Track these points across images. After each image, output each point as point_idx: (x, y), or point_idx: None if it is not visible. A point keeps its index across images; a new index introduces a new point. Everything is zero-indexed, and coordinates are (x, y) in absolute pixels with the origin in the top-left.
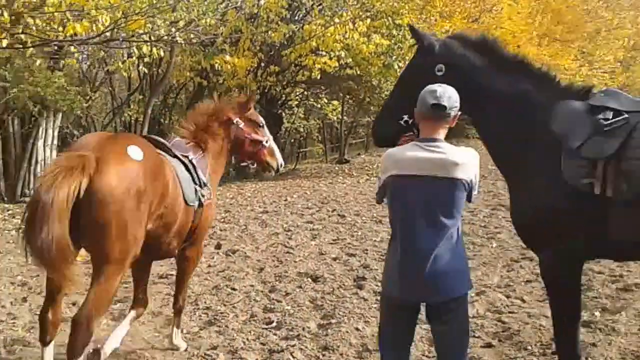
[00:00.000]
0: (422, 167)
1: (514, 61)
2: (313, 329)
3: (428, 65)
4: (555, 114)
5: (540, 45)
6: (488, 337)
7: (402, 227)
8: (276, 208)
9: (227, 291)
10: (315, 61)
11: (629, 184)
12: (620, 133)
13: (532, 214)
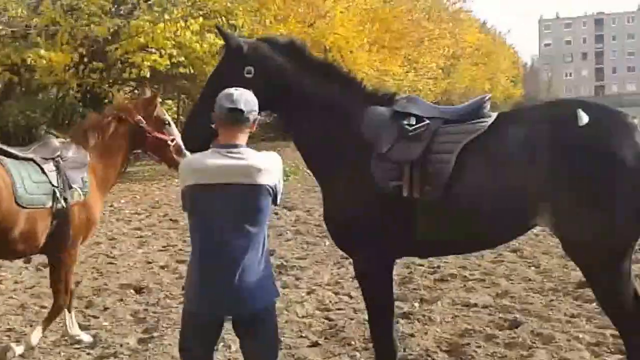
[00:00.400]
0: (223, 174)
1: (321, 65)
2: (132, 345)
3: (237, 67)
4: (363, 119)
5: (371, 51)
6: (315, 336)
7: (206, 239)
8: (100, 215)
9: (35, 310)
10: (145, 58)
11: (432, 185)
12: (423, 138)
13: (344, 217)
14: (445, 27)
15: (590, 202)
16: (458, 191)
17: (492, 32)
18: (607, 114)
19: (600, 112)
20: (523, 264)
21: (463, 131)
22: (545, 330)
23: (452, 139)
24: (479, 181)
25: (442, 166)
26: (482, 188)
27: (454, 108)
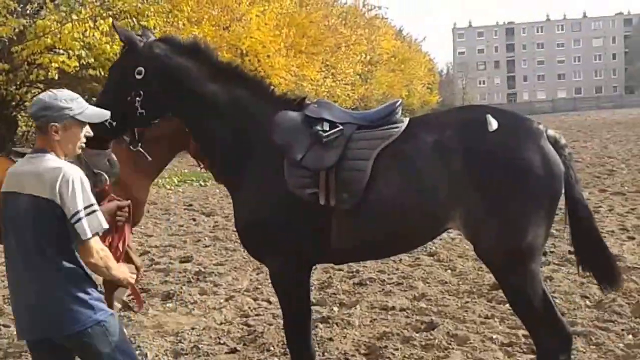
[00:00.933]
0: (16, 183)
1: (227, 68)
2: None
3: (129, 66)
4: (274, 124)
5: (288, 56)
6: (234, 342)
7: (10, 256)
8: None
9: None
10: (52, 60)
11: (348, 193)
12: (337, 144)
13: (256, 224)
14: (362, 33)
15: (497, 207)
16: (374, 197)
17: (407, 40)
18: (515, 120)
19: (508, 118)
20: (439, 267)
21: (376, 137)
22: (460, 332)
23: (367, 145)
24: (393, 187)
25: (358, 173)
26: (396, 194)
27: (366, 113)
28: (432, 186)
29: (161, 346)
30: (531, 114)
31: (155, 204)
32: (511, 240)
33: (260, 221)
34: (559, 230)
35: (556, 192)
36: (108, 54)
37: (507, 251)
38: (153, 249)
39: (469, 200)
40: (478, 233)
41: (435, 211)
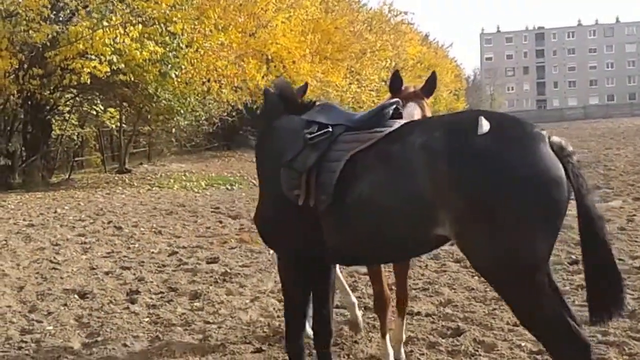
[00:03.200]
0: None
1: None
2: (76, 349)
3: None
4: (276, 128)
5: (314, 62)
6: (259, 342)
7: None
8: (43, 221)
9: None
10: (84, 65)
11: (324, 194)
12: (321, 146)
13: (264, 221)
14: (387, 39)
15: (485, 214)
16: (352, 199)
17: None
18: (509, 125)
19: (504, 122)
20: (466, 274)
21: (358, 139)
22: (487, 338)
23: (345, 147)
24: (373, 188)
25: (330, 175)
26: (376, 195)
27: (360, 115)
28: (414, 188)
29: (189, 344)
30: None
31: (183, 207)
32: (502, 251)
33: (264, 218)
34: None
35: (553, 199)
36: (138, 60)
37: (499, 264)
38: (181, 250)
39: (454, 204)
40: (468, 243)
41: (417, 214)
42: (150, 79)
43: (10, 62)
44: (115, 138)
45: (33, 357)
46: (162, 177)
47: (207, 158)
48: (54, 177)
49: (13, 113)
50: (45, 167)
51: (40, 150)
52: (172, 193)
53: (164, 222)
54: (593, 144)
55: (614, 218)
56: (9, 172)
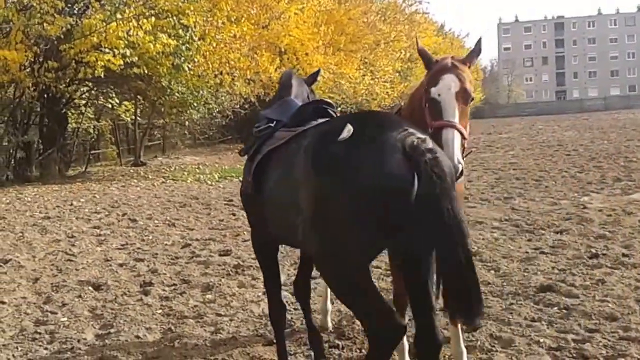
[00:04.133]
0: None
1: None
2: (89, 340)
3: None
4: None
5: (327, 53)
6: (271, 334)
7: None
8: (59, 213)
9: None
10: (98, 58)
11: (249, 182)
12: (256, 140)
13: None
14: (402, 29)
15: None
16: (265, 190)
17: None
18: (370, 131)
19: (365, 128)
20: (482, 268)
21: (281, 137)
22: (504, 334)
23: (271, 142)
24: (272, 183)
25: (253, 165)
26: (272, 190)
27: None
28: (287, 193)
29: (201, 336)
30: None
31: (197, 199)
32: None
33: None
34: (612, 232)
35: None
36: (151, 52)
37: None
38: (194, 242)
39: (304, 211)
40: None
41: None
42: (164, 72)
43: (25, 55)
44: (130, 131)
45: (47, 348)
46: (176, 169)
47: (220, 151)
48: (70, 170)
49: (29, 106)
50: (62, 159)
51: (56, 143)
52: (185, 186)
53: (178, 214)
54: (614, 135)
55: (636, 211)
56: (26, 165)
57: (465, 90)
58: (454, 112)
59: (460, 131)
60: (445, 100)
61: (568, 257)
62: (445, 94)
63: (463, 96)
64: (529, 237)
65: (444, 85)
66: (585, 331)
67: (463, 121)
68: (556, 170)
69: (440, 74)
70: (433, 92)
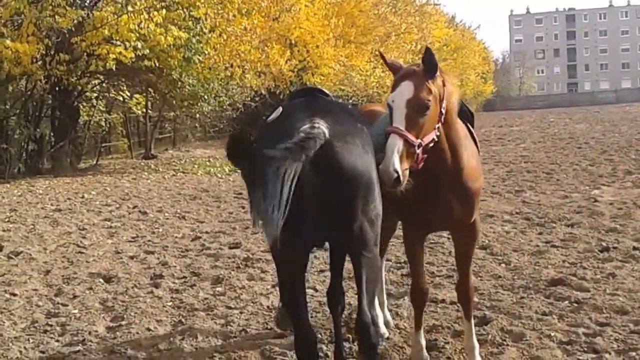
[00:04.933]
0: None
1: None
2: (100, 333)
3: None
4: None
5: (337, 46)
6: None
7: None
8: (71, 206)
9: (5, 297)
10: (110, 51)
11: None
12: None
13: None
14: (412, 21)
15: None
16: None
17: (461, 27)
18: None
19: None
20: (493, 261)
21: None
22: (515, 328)
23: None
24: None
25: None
26: None
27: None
28: None
29: (211, 328)
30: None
31: (207, 192)
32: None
33: None
34: (623, 226)
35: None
36: (162, 45)
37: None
38: (204, 235)
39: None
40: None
41: None
42: (174, 65)
43: (37, 47)
44: (141, 124)
45: (58, 340)
46: (186, 162)
47: None
48: (82, 163)
49: (41, 99)
50: (74, 152)
51: (68, 136)
52: (196, 178)
53: (188, 207)
54: (625, 128)
55: None
56: (37, 157)
57: (419, 98)
58: (401, 119)
59: (405, 137)
60: (396, 106)
61: (579, 250)
62: (398, 101)
63: (415, 104)
64: (539, 230)
65: (397, 92)
66: (596, 325)
67: (415, 129)
68: (567, 163)
69: (399, 81)
70: (389, 98)
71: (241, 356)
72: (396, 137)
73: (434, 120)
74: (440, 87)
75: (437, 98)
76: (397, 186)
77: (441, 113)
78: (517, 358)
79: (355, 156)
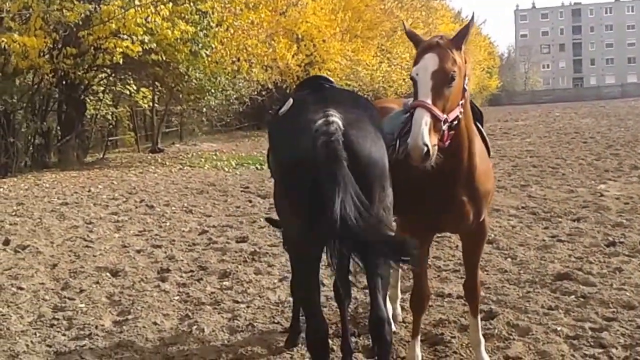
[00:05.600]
0: None
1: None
2: (107, 327)
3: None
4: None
5: (344, 40)
6: (288, 322)
7: None
8: (77, 199)
9: (12, 291)
10: (117, 44)
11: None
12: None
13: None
14: (419, 16)
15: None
16: None
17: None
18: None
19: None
20: (499, 255)
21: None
22: (521, 322)
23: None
24: None
25: None
26: None
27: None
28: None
29: (218, 322)
30: (599, 99)
31: (213, 186)
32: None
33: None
34: (629, 220)
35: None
36: (169, 39)
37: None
38: (211, 229)
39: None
40: None
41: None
42: (182, 58)
43: (44, 41)
44: (147, 118)
45: (65, 334)
46: (193, 156)
47: (237, 138)
48: (88, 157)
49: (48, 92)
50: (80, 146)
51: (75, 130)
52: (203, 172)
53: (195, 201)
54: (631, 122)
55: None
56: (44, 151)
57: (443, 69)
58: (427, 92)
59: (431, 111)
60: (420, 79)
61: (585, 245)
62: (422, 74)
63: (440, 76)
64: (545, 224)
65: (422, 64)
66: (602, 320)
67: (441, 102)
68: (573, 158)
69: (422, 54)
70: (413, 72)
71: (248, 351)
72: (423, 110)
73: (459, 95)
74: (463, 60)
75: (461, 70)
76: (427, 161)
77: (464, 89)
78: (523, 352)
79: (370, 142)
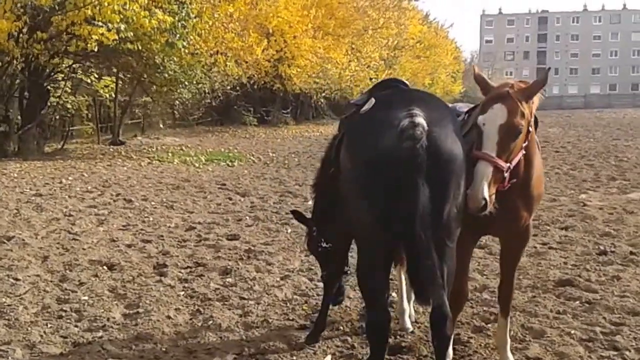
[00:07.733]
0: None
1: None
2: (118, 319)
3: None
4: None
5: (315, 37)
6: (301, 319)
7: None
8: (51, 191)
9: (9, 282)
10: (92, 32)
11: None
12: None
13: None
14: (390, 16)
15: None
16: None
17: (434, 25)
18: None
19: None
20: (494, 260)
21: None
22: (534, 325)
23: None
24: None
25: None
26: None
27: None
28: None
29: (231, 318)
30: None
31: (188, 182)
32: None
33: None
34: (617, 230)
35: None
36: (146, 28)
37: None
38: (198, 226)
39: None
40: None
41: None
42: (157, 49)
43: (15, 24)
44: (107, 108)
45: (77, 325)
46: (158, 150)
47: (200, 133)
48: (46, 147)
49: (11, 78)
50: (41, 135)
51: (37, 118)
52: (173, 167)
53: (173, 196)
54: (599, 134)
55: (637, 210)
56: (4, 139)
57: (512, 124)
58: (492, 146)
59: (495, 165)
60: (487, 131)
61: (577, 253)
62: (489, 126)
63: (508, 130)
64: (534, 232)
65: (490, 115)
66: (611, 324)
67: (505, 154)
68: (548, 167)
69: (491, 103)
70: (480, 120)
71: (270, 346)
72: (487, 164)
73: (523, 141)
74: (531, 107)
75: (528, 120)
76: (483, 212)
77: (529, 132)
78: (542, 353)
79: (452, 141)
